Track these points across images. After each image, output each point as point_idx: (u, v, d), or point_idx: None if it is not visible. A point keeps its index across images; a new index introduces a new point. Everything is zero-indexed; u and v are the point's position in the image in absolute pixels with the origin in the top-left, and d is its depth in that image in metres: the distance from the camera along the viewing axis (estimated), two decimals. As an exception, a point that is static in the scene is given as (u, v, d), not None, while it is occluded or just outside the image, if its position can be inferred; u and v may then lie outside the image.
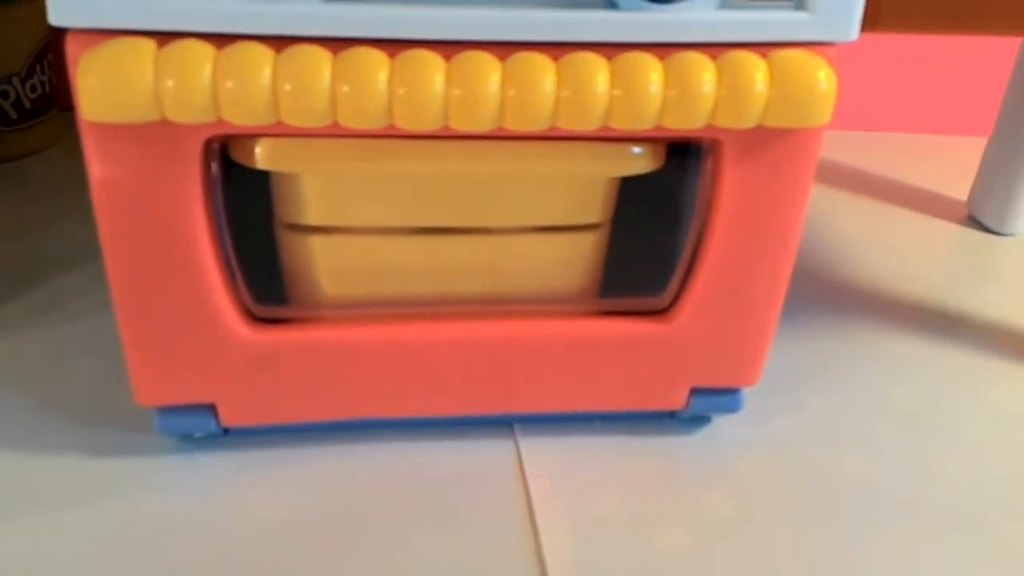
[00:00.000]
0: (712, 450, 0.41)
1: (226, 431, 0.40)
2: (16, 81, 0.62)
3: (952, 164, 0.71)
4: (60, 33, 0.29)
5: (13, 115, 0.62)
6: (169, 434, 0.39)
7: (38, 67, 0.63)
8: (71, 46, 0.29)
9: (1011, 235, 0.62)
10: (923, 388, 0.46)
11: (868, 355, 0.49)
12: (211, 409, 0.38)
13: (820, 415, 0.44)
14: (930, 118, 0.77)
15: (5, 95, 0.62)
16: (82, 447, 0.39)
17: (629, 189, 0.37)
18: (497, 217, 0.37)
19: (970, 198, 0.65)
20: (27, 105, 0.63)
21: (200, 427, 0.38)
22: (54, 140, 0.66)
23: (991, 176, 0.62)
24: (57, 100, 0.66)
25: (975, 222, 0.64)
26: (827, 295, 0.54)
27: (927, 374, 0.47)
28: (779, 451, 0.41)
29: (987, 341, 0.50)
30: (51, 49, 0.64)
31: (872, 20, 0.29)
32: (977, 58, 0.74)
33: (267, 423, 0.40)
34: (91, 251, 0.33)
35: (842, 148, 0.73)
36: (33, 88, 0.63)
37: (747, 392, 0.41)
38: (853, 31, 0.31)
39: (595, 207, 0.38)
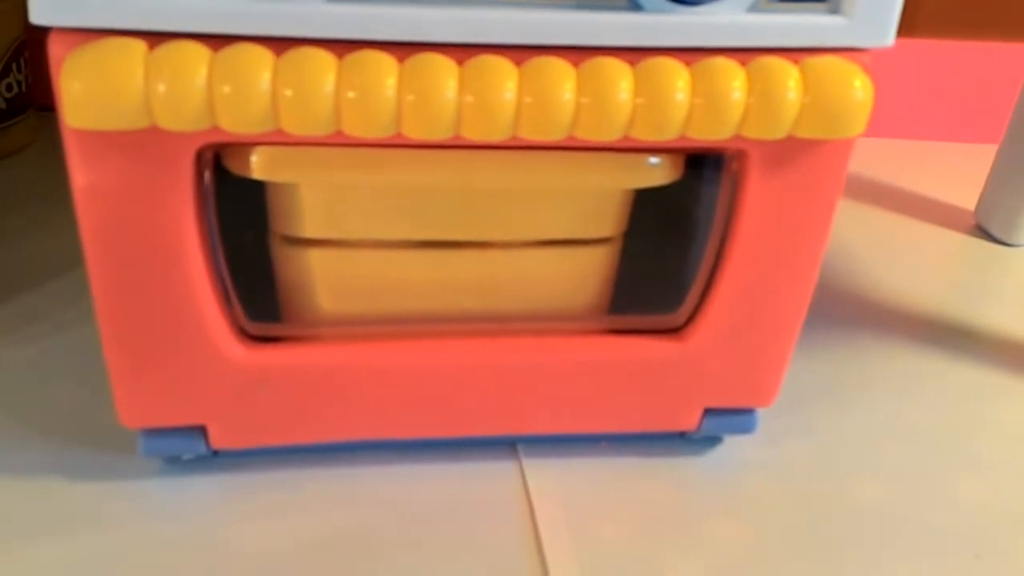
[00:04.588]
0: (723, 473, 0.40)
1: (216, 453, 0.38)
2: (-9, 80, 0.59)
3: (959, 172, 0.69)
4: (38, 30, 0.27)
5: (-12, 116, 0.60)
6: (155, 456, 0.37)
7: (14, 65, 0.60)
8: (54, 46, 0.27)
9: (1020, 246, 0.61)
10: (934, 407, 0.45)
11: (876, 371, 0.47)
12: (200, 430, 0.36)
13: (831, 436, 0.42)
14: (937, 124, 0.76)
15: (-21, 95, 0.59)
16: (60, 469, 0.37)
17: (644, 201, 0.36)
18: (504, 230, 0.35)
19: (978, 207, 0.64)
20: (2, 106, 0.60)
21: (188, 449, 0.37)
22: (29, 142, 0.63)
23: (1000, 185, 0.61)
24: (33, 100, 0.63)
25: (983, 232, 0.62)
26: (829, 307, 0.52)
27: (937, 392, 0.46)
28: (791, 474, 0.40)
29: (995, 356, 0.49)
30: (28, 47, 0.61)
31: (909, 26, 0.27)
32: (987, 62, 0.71)
33: (259, 445, 0.38)
34: (70, 260, 0.31)
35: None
36: (9, 87, 0.60)
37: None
38: (890, 36, 0.30)
39: (607, 220, 0.36)
